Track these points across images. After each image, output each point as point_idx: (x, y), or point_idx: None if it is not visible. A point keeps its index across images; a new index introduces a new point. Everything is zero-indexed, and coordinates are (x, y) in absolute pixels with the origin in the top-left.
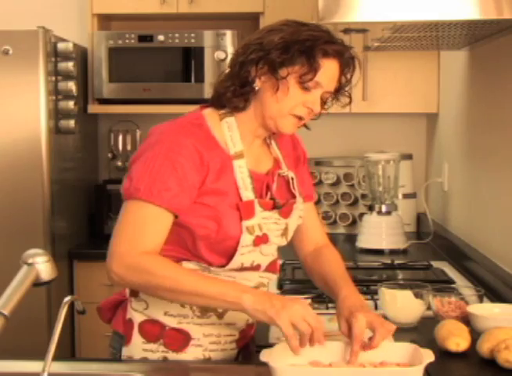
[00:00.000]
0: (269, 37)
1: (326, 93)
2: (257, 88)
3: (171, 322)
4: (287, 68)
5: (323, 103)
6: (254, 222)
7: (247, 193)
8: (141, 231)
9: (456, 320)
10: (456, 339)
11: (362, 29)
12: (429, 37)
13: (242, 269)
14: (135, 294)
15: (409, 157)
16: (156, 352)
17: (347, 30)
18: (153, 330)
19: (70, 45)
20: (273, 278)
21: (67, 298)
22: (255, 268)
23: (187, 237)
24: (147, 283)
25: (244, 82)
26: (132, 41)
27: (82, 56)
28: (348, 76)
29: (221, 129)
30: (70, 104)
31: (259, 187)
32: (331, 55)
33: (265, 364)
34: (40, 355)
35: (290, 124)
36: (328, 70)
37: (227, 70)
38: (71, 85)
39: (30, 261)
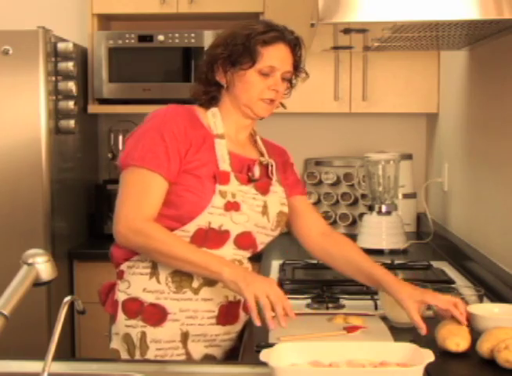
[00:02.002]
0: (215, 41)
1: (286, 73)
2: (225, 85)
3: (149, 298)
4: (236, 63)
5: (288, 81)
6: (228, 188)
7: (225, 166)
8: (142, 195)
9: (456, 320)
10: (456, 339)
11: (362, 29)
12: (429, 37)
13: (210, 232)
14: (120, 276)
15: (409, 157)
16: (136, 327)
17: (347, 30)
18: (134, 307)
19: (70, 45)
20: (247, 256)
21: (67, 298)
22: (224, 234)
23: (172, 203)
24: (147, 246)
25: (208, 82)
26: (132, 41)
27: (82, 56)
28: (299, 54)
29: (207, 117)
30: (70, 104)
31: (238, 166)
32: (271, 41)
33: (265, 364)
34: (40, 355)
35: (263, 108)
36: (276, 53)
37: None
38: (71, 85)
39: (30, 261)
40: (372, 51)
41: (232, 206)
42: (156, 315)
